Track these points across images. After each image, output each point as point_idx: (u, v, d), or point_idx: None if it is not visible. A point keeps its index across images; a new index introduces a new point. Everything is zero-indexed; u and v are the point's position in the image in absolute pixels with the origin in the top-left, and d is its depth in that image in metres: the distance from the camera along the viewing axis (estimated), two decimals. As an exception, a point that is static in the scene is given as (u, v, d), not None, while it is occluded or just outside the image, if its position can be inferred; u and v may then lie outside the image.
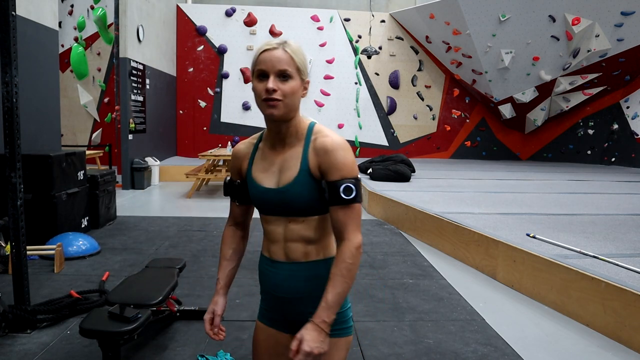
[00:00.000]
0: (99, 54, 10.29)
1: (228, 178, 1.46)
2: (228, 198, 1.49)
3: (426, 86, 12.24)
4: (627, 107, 10.79)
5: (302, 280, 1.32)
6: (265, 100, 1.22)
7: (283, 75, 1.22)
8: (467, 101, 12.44)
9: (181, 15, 11.46)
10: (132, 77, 8.40)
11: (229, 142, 10.15)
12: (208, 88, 11.70)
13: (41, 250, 4.04)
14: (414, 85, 12.22)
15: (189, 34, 11.51)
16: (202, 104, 11.71)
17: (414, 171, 8.16)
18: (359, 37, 11.91)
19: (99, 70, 10.32)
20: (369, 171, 7.95)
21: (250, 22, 11.58)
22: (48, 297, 3.10)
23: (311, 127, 1.31)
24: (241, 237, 1.49)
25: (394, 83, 12.11)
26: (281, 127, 1.28)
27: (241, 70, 11.64)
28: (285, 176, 1.28)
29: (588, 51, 9.73)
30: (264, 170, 1.32)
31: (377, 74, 12.06)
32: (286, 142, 1.30)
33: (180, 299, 3.15)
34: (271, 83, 1.21)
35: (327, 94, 11.89)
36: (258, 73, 1.24)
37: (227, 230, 1.49)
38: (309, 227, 1.30)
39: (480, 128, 12.56)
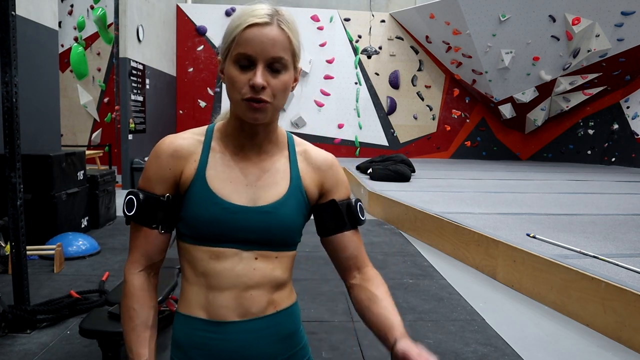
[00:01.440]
0: (98, 54, 10.30)
1: (141, 192, 0.95)
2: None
3: (426, 86, 12.24)
4: (627, 107, 10.79)
5: (276, 342, 0.98)
6: (248, 100, 0.87)
7: (275, 65, 0.88)
8: (467, 101, 12.44)
9: (181, 15, 11.46)
10: (132, 77, 8.40)
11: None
12: (208, 88, 11.70)
13: (41, 250, 4.04)
14: (414, 85, 12.22)
15: (189, 34, 11.51)
16: (202, 104, 11.71)
17: (414, 171, 8.15)
18: (359, 37, 11.91)
19: (99, 70, 10.33)
20: (369, 171, 7.95)
21: (250, 22, 11.58)
22: (48, 297, 3.10)
23: (290, 135, 1.05)
24: (155, 288, 1.02)
25: (394, 83, 12.11)
26: (258, 131, 0.96)
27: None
28: (269, 192, 0.96)
29: (588, 51, 9.73)
30: (230, 180, 0.95)
31: (377, 74, 12.06)
32: (263, 148, 0.98)
33: (180, 299, 3.14)
34: (260, 77, 0.86)
35: (327, 94, 11.89)
36: (239, 57, 0.87)
37: (137, 279, 0.98)
38: (281, 266, 0.97)
39: (480, 128, 12.55)
